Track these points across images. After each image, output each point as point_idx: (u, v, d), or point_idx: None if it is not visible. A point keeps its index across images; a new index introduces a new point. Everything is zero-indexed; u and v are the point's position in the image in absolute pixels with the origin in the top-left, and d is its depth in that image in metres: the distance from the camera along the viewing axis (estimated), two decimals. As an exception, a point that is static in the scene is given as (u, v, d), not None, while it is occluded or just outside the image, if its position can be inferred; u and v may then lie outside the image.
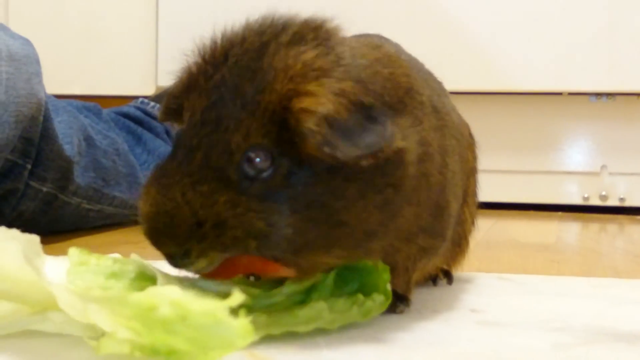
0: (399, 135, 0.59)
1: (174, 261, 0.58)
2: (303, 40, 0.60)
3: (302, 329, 0.59)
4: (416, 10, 2.03)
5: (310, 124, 0.55)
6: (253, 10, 0.64)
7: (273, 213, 0.57)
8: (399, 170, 0.60)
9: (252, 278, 0.63)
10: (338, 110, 0.56)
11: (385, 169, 0.59)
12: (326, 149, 0.55)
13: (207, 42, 0.62)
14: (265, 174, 0.57)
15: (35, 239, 0.56)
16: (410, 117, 0.63)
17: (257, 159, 0.57)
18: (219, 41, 0.61)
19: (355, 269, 0.65)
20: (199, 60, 0.61)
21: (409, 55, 0.75)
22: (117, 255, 0.66)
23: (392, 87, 0.63)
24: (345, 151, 0.56)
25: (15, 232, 0.55)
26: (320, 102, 0.56)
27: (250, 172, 0.57)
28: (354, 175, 0.58)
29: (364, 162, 0.57)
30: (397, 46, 0.75)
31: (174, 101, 0.62)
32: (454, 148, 0.71)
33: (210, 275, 0.60)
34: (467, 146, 0.79)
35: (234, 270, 0.60)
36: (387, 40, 0.76)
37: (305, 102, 0.56)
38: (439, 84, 0.78)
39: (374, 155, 0.57)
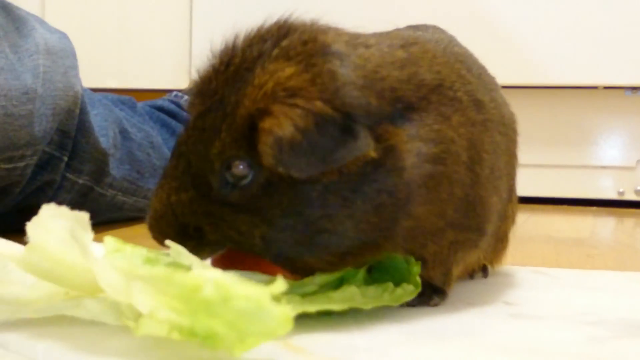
0: (372, 147, 0.59)
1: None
2: (288, 56, 0.61)
3: (336, 307, 0.60)
4: (450, 3, 2.02)
5: (266, 144, 0.57)
6: (287, 5, 0.65)
7: (244, 223, 0.60)
8: (392, 176, 0.61)
9: None
10: (302, 129, 0.57)
11: (375, 176, 0.60)
12: (280, 169, 0.58)
13: (223, 44, 0.64)
14: (244, 182, 0.60)
15: (84, 215, 0.56)
16: (432, 114, 0.64)
17: (239, 167, 0.60)
18: (230, 45, 0.63)
19: (386, 265, 0.65)
20: (210, 63, 0.64)
21: (462, 48, 0.76)
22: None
23: (411, 87, 0.64)
24: (305, 169, 0.58)
25: (63, 209, 0.56)
26: (281, 124, 0.57)
27: (230, 179, 0.60)
28: (336, 185, 0.59)
29: (326, 179, 0.59)
30: (450, 38, 0.76)
31: (189, 102, 0.65)
32: (498, 144, 0.70)
33: (223, 266, 0.62)
34: (516, 142, 0.79)
35: (241, 267, 0.62)
36: (442, 32, 0.78)
37: (266, 123, 0.58)
38: (492, 78, 0.78)
39: (338, 170, 0.59)
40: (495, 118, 0.71)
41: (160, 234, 0.63)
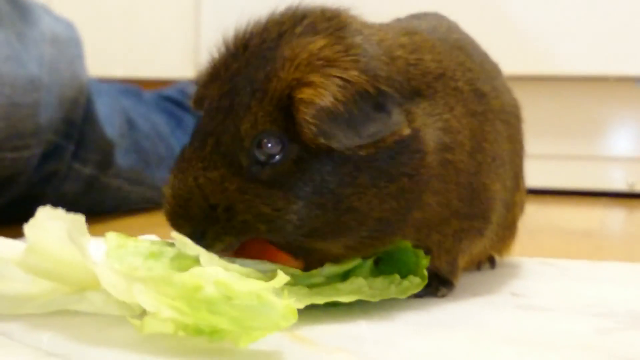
0: (406, 124, 0.60)
1: (195, 241, 0.59)
2: (315, 30, 0.61)
3: (344, 299, 0.60)
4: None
5: (306, 115, 0.57)
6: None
7: (279, 199, 0.59)
8: (415, 159, 0.61)
9: None
10: (341, 100, 0.57)
11: (400, 158, 0.60)
12: (321, 139, 0.57)
13: (233, 32, 0.64)
14: (275, 159, 0.59)
15: (80, 218, 0.57)
16: (439, 103, 0.64)
17: (268, 145, 0.59)
18: (242, 32, 0.64)
19: (393, 257, 0.65)
20: (223, 50, 0.64)
21: (462, 34, 0.75)
22: (154, 237, 0.67)
23: (419, 73, 0.64)
24: (344, 141, 0.58)
25: (60, 212, 0.56)
26: (320, 93, 0.57)
27: (260, 157, 0.60)
28: (366, 163, 0.59)
29: (363, 152, 0.59)
30: (449, 25, 0.76)
31: (200, 90, 0.64)
32: (500, 132, 0.70)
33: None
34: (520, 129, 0.79)
35: (247, 256, 0.61)
36: (441, 19, 0.77)
37: (305, 93, 0.58)
38: (494, 65, 0.78)
39: (375, 144, 0.59)
40: (496, 107, 0.71)
41: (185, 219, 0.60)
